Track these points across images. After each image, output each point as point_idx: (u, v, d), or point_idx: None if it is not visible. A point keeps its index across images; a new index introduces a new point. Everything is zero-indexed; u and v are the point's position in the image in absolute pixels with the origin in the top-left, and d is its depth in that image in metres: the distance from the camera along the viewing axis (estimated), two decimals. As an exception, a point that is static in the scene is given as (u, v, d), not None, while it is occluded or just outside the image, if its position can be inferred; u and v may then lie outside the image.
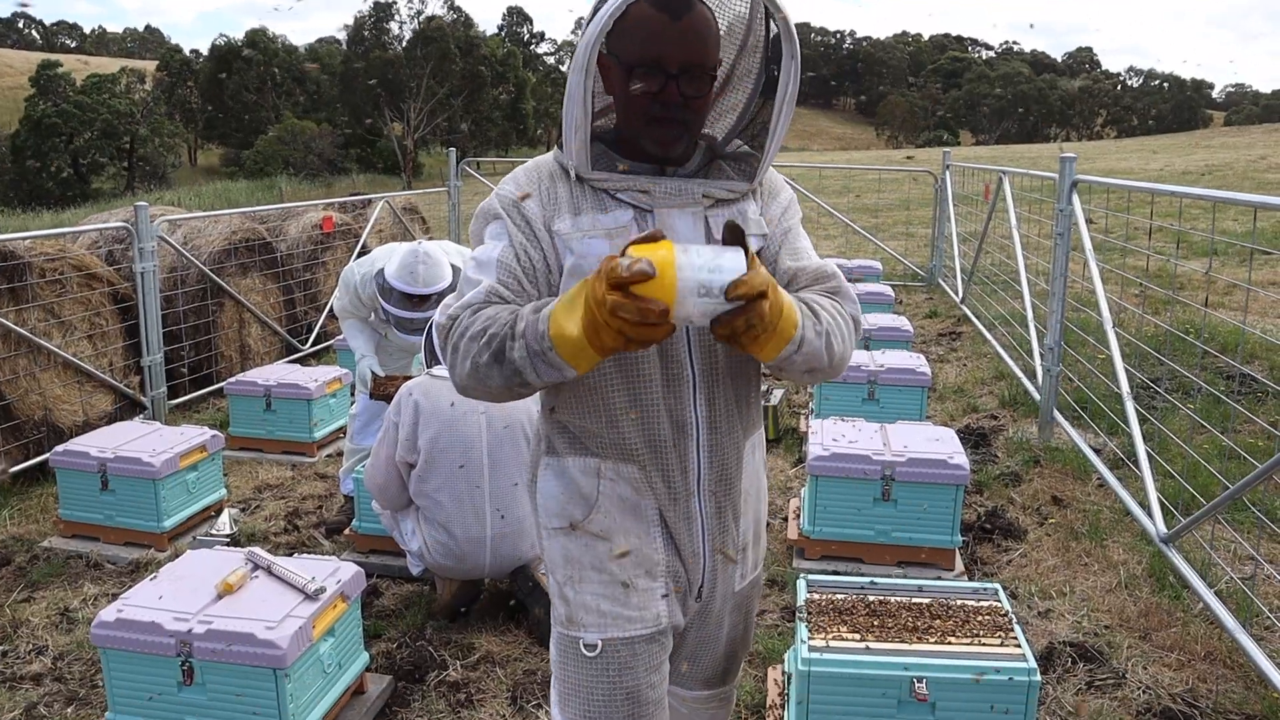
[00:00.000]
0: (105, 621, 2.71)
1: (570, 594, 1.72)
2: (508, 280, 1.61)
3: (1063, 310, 5.36)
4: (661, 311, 1.29)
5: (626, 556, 1.70)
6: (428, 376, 3.56)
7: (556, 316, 1.41)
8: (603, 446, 1.69)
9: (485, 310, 1.54)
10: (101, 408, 5.84)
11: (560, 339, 1.39)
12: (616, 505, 1.71)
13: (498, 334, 1.47)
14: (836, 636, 2.59)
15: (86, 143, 53.37)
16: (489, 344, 1.48)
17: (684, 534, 1.73)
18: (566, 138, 1.60)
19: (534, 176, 1.69)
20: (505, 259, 1.62)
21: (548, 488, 1.76)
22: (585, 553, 1.71)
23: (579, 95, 1.54)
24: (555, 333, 1.40)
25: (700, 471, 1.72)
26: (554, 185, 1.67)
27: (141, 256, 5.91)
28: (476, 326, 1.51)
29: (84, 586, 4.02)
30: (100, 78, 56.89)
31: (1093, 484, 4.75)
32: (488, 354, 1.48)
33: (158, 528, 4.31)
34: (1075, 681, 3.09)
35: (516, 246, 1.63)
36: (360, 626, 3.09)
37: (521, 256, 1.62)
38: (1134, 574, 3.80)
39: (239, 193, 37.12)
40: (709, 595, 1.81)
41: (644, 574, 1.71)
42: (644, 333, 1.30)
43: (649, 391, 1.65)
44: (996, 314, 8.10)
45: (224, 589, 2.80)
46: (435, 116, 56.59)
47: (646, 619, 1.70)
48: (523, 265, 1.62)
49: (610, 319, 1.30)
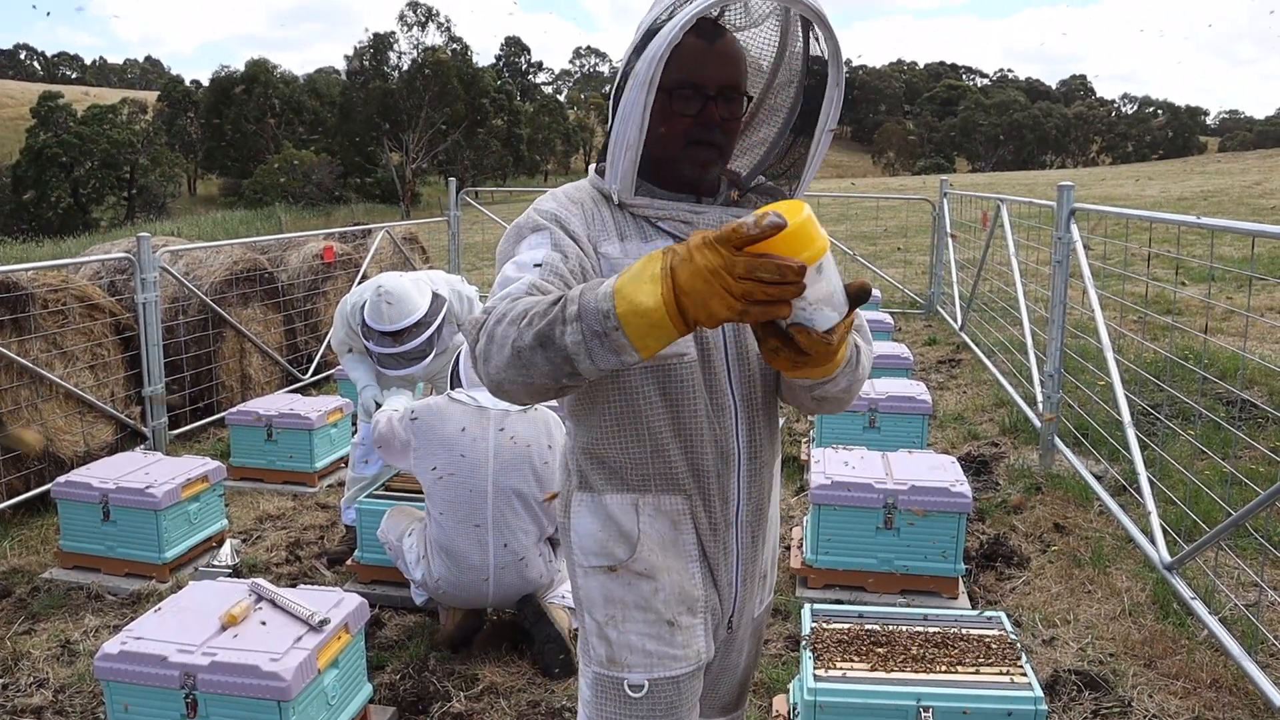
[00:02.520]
0: (109, 654, 2.70)
1: (613, 634, 1.68)
2: (551, 280, 1.50)
3: (1062, 337, 5.38)
4: (800, 269, 1.17)
5: (670, 594, 1.67)
6: (446, 400, 3.57)
7: (624, 291, 1.26)
8: (645, 479, 1.65)
9: (526, 299, 1.41)
10: (103, 438, 5.84)
11: (632, 314, 1.24)
12: (657, 542, 1.68)
13: (544, 315, 1.33)
14: (843, 666, 2.59)
15: (87, 173, 53.59)
16: (531, 325, 1.34)
17: (721, 566, 1.73)
18: (614, 159, 1.57)
19: (575, 198, 1.65)
20: (550, 261, 1.53)
21: (585, 525, 1.70)
22: (628, 592, 1.67)
23: (637, 113, 1.51)
24: (625, 309, 1.25)
25: (740, 502, 1.71)
26: (597, 209, 1.64)
27: (144, 287, 5.93)
28: (516, 311, 1.38)
29: (85, 618, 4.01)
30: (101, 108, 57.26)
31: (1094, 511, 4.75)
32: (531, 336, 1.33)
33: (159, 559, 4.31)
34: (1081, 710, 3.08)
35: (566, 251, 1.55)
36: (364, 658, 3.08)
37: (570, 259, 1.55)
38: (1137, 601, 3.80)
39: (237, 222, 37.24)
40: (737, 624, 1.81)
41: (686, 610, 1.69)
42: (778, 292, 1.17)
43: (695, 420, 1.63)
44: (995, 341, 8.13)
45: (228, 621, 2.80)
46: (434, 146, 56.89)
47: (690, 657, 1.69)
48: (571, 269, 1.54)
49: (736, 283, 1.17)
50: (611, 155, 1.57)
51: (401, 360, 4.22)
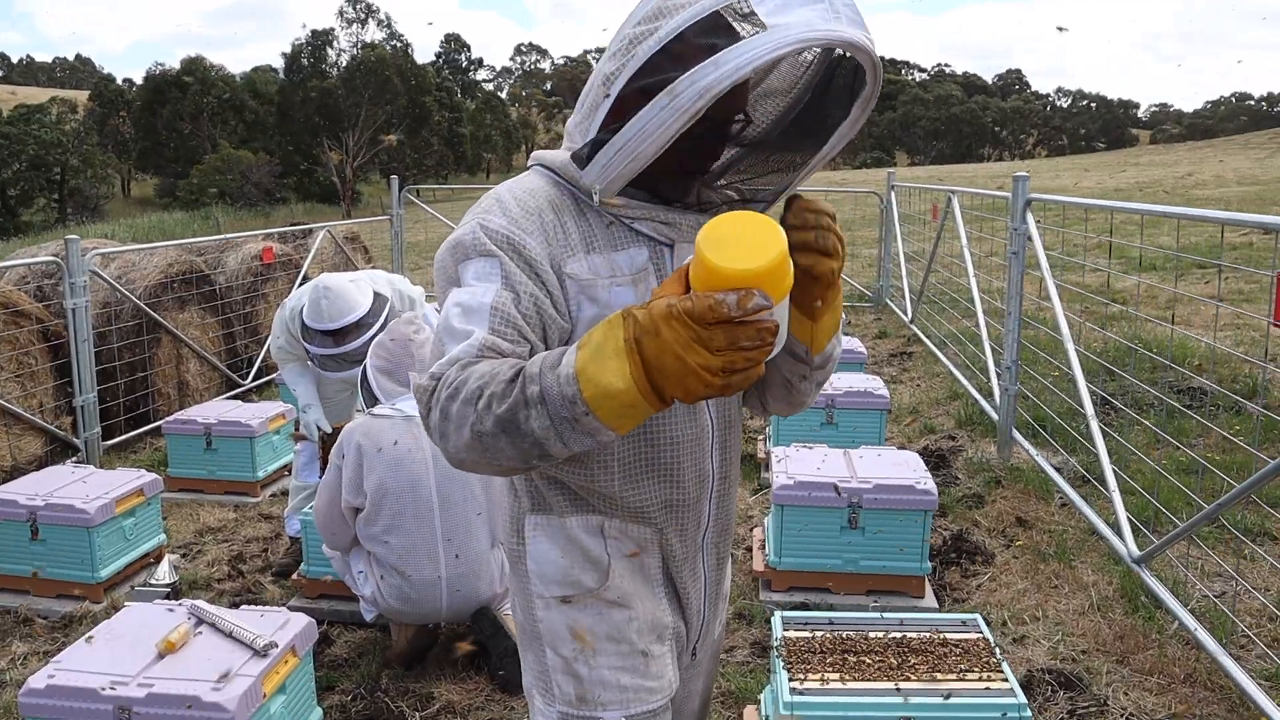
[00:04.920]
0: (34, 689, 2.51)
1: (583, 670, 1.52)
2: (504, 330, 1.33)
3: (1019, 329, 5.35)
4: (776, 327, 1.10)
5: (644, 623, 1.54)
6: (368, 417, 3.40)
7: (588, 372, 1.14)
8: (611, 506, 1.51)
9: (478, 367, 1.27)
10: (31, 451, 5.58)
11: (602, 399, 1.14)
12: (625, 566, 1.53)
13: (504, 396, 1.20)
14: (817, 676, 2.48)
15: (15, 175, 51.97)
16: (490, 408, 1.20)
17: (690, 591, 1.61)
18: (609, 161, 1.34)
19: (529, 206, 1.42)
20: (501, 305, 1.34)
21: (544, 552, 1.53)
22: (599, 622, 1.52)
23: (661, 136, 1.28)
24: (593, 393, 1.14)
25: (707, 524, 1.60)
26: (558, 217, 1.42)
27: (73, 292, 5.66)
28: (470, 386, 1.23)
29: (12, 645, 3.78)
30: (28, 108, 55.61)
31: (1056, 503, 4.72)
32: (492, 422, 1.20)
33: (92, 578, 4.08)
34: (1057, 710, 3.02)
35: (518, 289, 1.36)
36: (313, 680, 2.92)
37: (524, 301, 1.35)
38: (1105, 595, 3.76)
39: (175, 224, 36.34)
40: (700, 651, 1.70)
41: (656, 639, 1.56)
42: (761, 355, 1.10)
43: (673, 450, 1.50)
44: (947, 333, 8.12)
45: (165, 648, 2.62)
46: (375, 145, 56.13)
47: (664, 688, 1.56)
48: (524, 312, 1.35)
49: (715, 357, 1.08)
50: (607, 156, 1.34)
51: (342, 362, 4.04)
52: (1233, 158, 39.89)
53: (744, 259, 1.09)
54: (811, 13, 1.24)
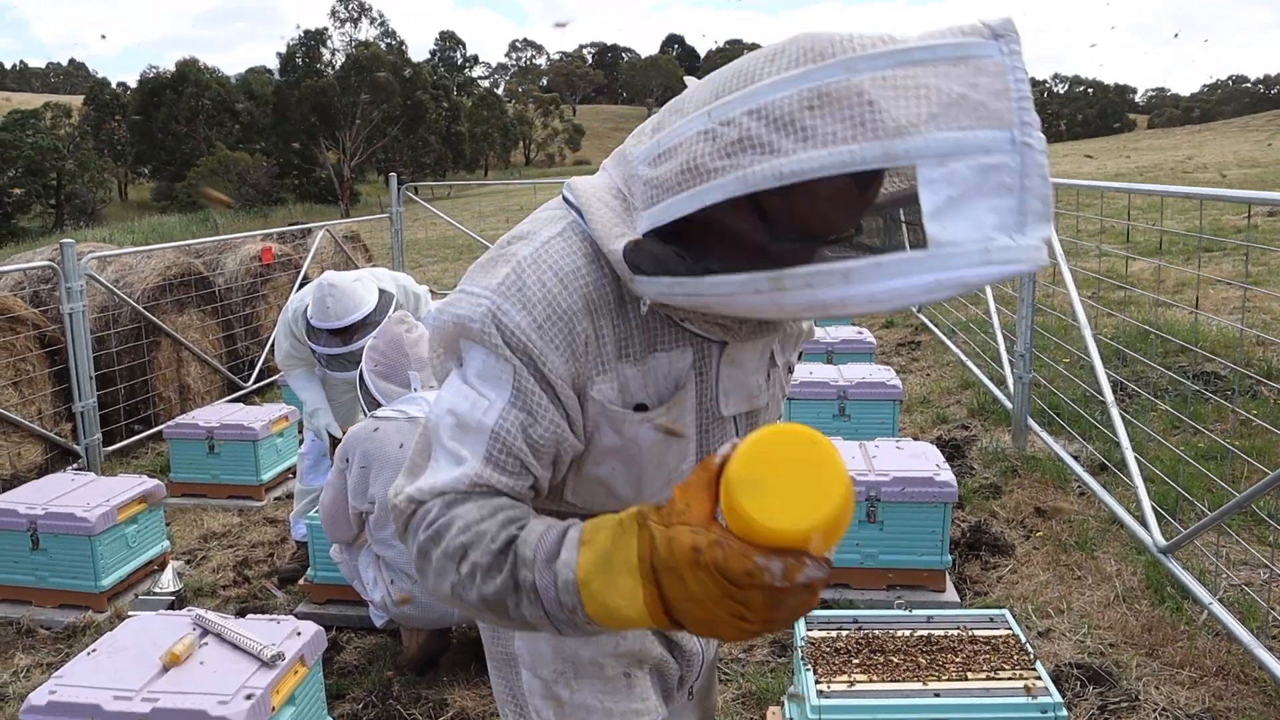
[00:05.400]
0: (35, 705, 2.43)
1: (564, 693, 1.41)
2: (503, 460, 1.13)
3: (1032, 316, 5.26)
4: (828, 579, 0.92)
5: (631, 647, 1.43)
6: (372, 421, 3.32)
7: (593, 587, 0.97)
8: None
9: (464, 511, 1.09)
10: (31, 459, 5.50)
11: (608, 618, 0.98)
12: None
13: (489, 571, 1.04)
14: (844, 679, 2.40)
15: (10, 181, 51.83)
16: (474, 580, 1.05)
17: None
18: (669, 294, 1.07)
19: (559, 308, 1.13)
20: (505, 430, 1.13)
21: None
22: (584, 645, 1.40)
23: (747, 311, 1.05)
24: (598, 612, 0.98)
25: None
26: (593, 322, 1.16)
27: (69, 296, 5.57)
28: (453, 539, 1.07)
29: (15, 657, 3.71)
30: (23, 114, 55.38)
31: (1074, 492, 4.63)
32: (477, 597, 1.06)
33: (95, 587, 4.00)
34: (1088, 707, 2.93)
35: (533, 411, 1.14)
36: (323, 689, 2.84)
37: (538, 427, 1.14)
38: (1130, 586, 3.67)
39: (173, 227, 36.25)
40: (698, 690, 1.60)
41: (636, 664, 1.45)
42: (808, 608, 0.93)
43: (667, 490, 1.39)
44: (956, 321, 8.03)
45: (170, 660, 2.54)
46: (372, 144, 56.00)
47: (650, 709, 1.46)
48: (534, 442, 1.14)
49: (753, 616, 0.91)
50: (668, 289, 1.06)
51: (348, 362, 3.95)
52: (1232, 141, 39.76)
53: (792, 514, 0.87)
54: (991, 217, 0.89)
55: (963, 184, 0.88)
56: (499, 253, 1.19)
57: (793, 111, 0.93)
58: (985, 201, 0.89)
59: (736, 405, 1.29)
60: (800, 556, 0.87)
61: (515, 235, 1.21)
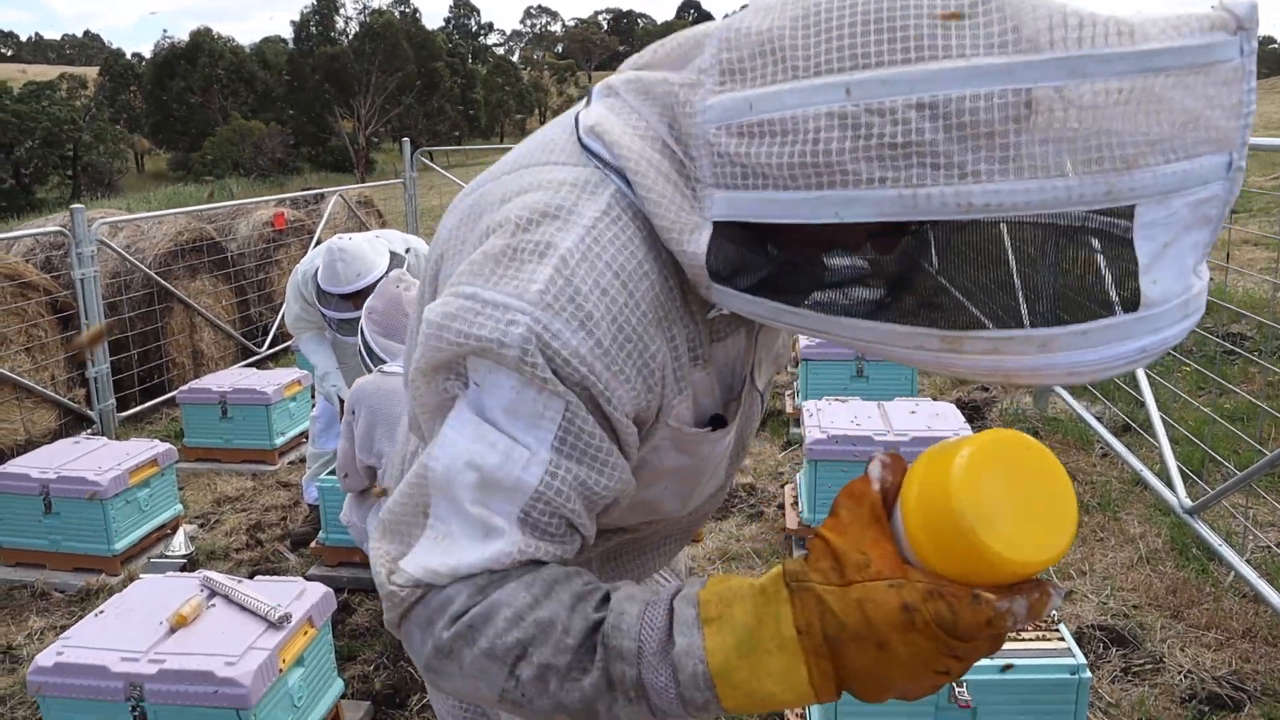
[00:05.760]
0: (43, 666, 2.41)
1: None
2: (548, 525, 0.86)
3: (1053, 275, 5.14)
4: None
5: None
6: (380, 374, 3.26)
7: (735, 678, 0.77)
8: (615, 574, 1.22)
9: (506, 593, 0.84)
10: (45, 424, 5.49)
11: (756, 705, 0.78)
12: None
13: (569, 674, 0.81)
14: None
15: (28, 152, 51.99)
16: (544, 683, 0.81)
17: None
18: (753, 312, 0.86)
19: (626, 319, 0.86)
20: (553, 490, 0.85)
21: None
22: None
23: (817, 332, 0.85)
24: (741, 703, 0.78)
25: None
26: (666, 333, 0.90)
27: (80, 262, 5.54)
28: (503, 638, 0.82)
29: (29, 620, 3.70)
30: (39, 85, 55.49)
31: (1097, 454, 4.55)
32: (549, 702, 0.82)
33: (108, 551, 3.99)
34: (1110, 668, 2.88)
35: (590, 460, 0.86)
36: (332, 651, 2.81)
37: (591, 484, 0.87)
38: (1154, 548, 3.60)
39: (189, 197, 36.26)
40: None
41: None
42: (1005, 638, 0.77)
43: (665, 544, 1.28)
44: (975, 283, 7.91)
45: (177, 621, 2.51)
46: (386, 112, 55.83)
47: None
48: (588, 499, 0.88)
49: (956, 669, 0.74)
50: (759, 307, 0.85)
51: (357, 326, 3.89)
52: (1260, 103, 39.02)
53: (1039, 541, 0.70)
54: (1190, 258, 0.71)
55: (1178, 225, 0.70)
56: (521, 240, 0.87)
57: (993, 121, 0.69)
58: (1189, 239, 0.70)
59: (766, 373, 1.14)
60: (1043, 587, 0.72)
61: (537, 209, 0.88)
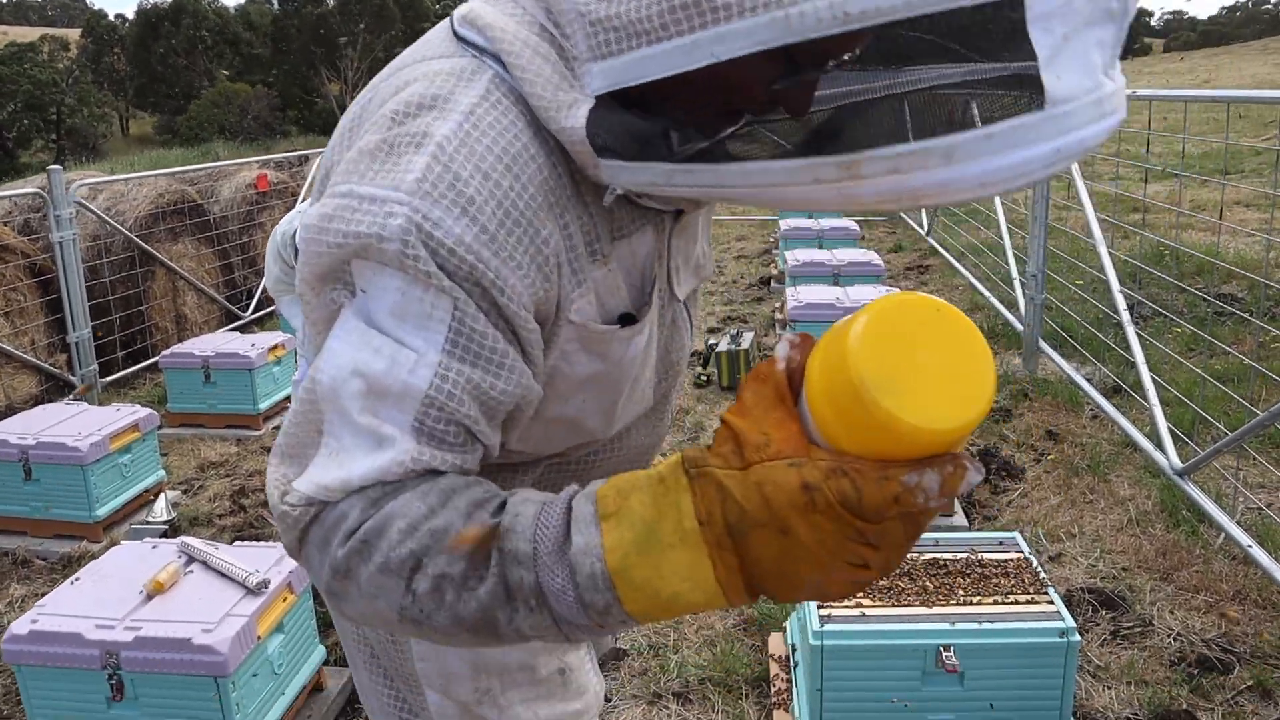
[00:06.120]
0: (17, 635, 2.37)
1: (491, 713, 1.15)
2: (444, 433, 0.79)
3: (1045, 236, 5.10)
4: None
5: None
6: None
7: (635, 576, 0.70)
8: None
9: (399, 504, 0.77)
10: (26, 390, 5.42)
11: (660, 610, 0.72)
12: None
13: (465, 583, 0.74)
14: (848, 603, 2.32)
15: (10, 116, 51.35)
16: (443, 599, 0.75)
17: None
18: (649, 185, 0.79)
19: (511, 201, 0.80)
20: (444, 393, 0.78)
21: None
22: (508, 651, 1.14)
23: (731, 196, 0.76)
24: (645, 606, 0.71)
25: None
26: (558, 215, 0.84)
27: (59, 225, 5.45)
28: (396, 549, 0.75)
29: (10, 588, 3.66)
30: (19, 47, 54.68)
31: (1087, 415, 4.52)
32: (449, 620, 0.75)
33: (90, 518, 3.95)
34: (1099, 632, 2.86)
35: (484, 361, 0.80)
36: (314, 617, 2.78)
37: (486, 387, 0.80)
38: (1144, 510, 3.58)
39: (175, 160, 35.89)
40: None
41: (571, 647, 1.22)
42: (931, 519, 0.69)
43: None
44: (966, 244, 7.86)
45: (154, 588, 2.47)
46: (373, 73, 55.18)
47: (588, 704, 1.25)
48: (484, 403, 0.81)
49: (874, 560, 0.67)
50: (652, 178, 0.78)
51: None
52: (1251, 63, 38.91)
53: (949, 407, 0.62)
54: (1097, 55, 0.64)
55: (1076, 18, 0.63)
56: (397, 133, 0.80)
57: None
58: (1092, 35, 0.64)
59: (687, 283, 1.06)
60: (957, 460, 0.64)
61: (413, 102, 0.82)
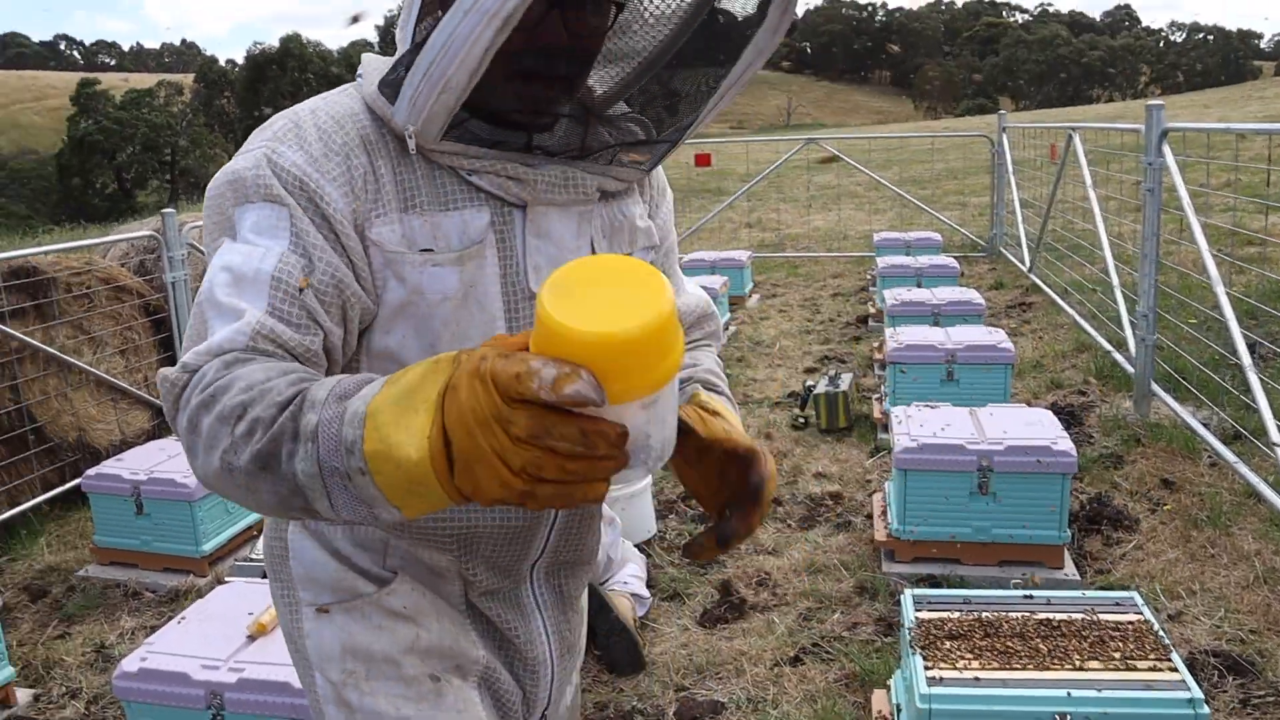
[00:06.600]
0: (127, 672, 2.43)
1: (354, 698, 1.19)
2: (288, 310, 0.98)
3: (1156, 273, 4.91)
4: (621, 435, 0.75)
5: (435, 643, 1.21)
6: None
7: (381, 418, 0.79)
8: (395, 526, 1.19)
9: (246, 370, 0.90)
10: (139, 425, 5.61)
11: (384, 460, 0.79)
12: (416, 574, 1.21)
13: (268, 422, 0.84)
14: (956, 665, 2.23)
15: (129, 158, 54.01)
16: (251, 437, 0.84)
17: (520, 631, 1.27)
18: (416, 92, 1.00)
19: (334, 142, 1.05)
20: (287, 274, 0.99)
21: (309, 552, 1.21)
22: (377, 639, 1.18)
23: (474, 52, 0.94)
24: (377, 448, 0.79)
25: (540, 554, 1.25)
26: (371, 160, 1.06)
27: (171, 265, 5.66)
28: (231, 398, 0.87)
29: (121, 619, 3.77)
30: (138, 92, 57.58)
31: (1204, 463, 4.31)
32: (249, 454, 0.85)
33: (196, 552, 4.05)
34: (1228, 699, 2.69)
35: (311, 254, 1.01)
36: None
37: (318, 271, 1.01)
38: (1272, 566, 3.38)
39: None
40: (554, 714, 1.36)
41: (454, 669, 1.23)
42: (584, 470, 0.74)
43: None
44: (1070, 280, 7.63)
45: (256, 630, 2.51)
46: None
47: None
48: (317, 286, 1.01)
49: (515, 449, 0.73)
50: (412, 84, 1.00)
51: None
52: None
53: (592, 318, 0.74)
54: None
55: None
56: (272, 120, 1.13)
57: None
58: None
59: None
60: (576, 369, 0.72)
61: None
